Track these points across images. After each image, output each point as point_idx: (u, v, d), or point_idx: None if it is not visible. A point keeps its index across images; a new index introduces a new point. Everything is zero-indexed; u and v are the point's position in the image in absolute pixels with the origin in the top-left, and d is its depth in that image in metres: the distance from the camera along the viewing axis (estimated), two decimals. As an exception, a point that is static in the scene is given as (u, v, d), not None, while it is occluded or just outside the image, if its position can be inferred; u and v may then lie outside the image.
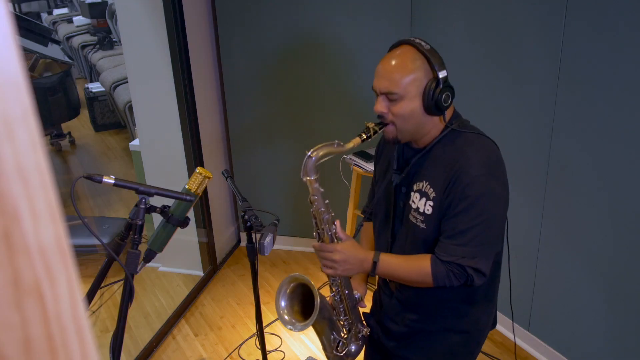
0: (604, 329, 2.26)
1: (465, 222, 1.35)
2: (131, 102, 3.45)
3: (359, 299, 1.63)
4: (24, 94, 0.32)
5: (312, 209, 1.45)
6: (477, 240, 1.37)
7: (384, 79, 1.36)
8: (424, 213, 1.42)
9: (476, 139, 1.41)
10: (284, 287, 1.57)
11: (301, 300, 1.59)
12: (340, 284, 1.55)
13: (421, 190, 1.43)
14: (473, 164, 1.35)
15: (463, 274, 1.39)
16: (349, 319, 1.61)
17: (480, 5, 2.43)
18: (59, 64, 5.27)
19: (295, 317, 1.56)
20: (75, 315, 0.36)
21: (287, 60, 3.15)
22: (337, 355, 1.63)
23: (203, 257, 3.35)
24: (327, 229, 1.46)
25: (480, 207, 1.35)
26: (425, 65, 1.35)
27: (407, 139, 1.43)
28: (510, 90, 2.38)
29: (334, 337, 1.62)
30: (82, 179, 1.47)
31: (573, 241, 2.29)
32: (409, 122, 1.38)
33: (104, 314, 3.05)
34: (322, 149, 1.38)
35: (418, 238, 1.46)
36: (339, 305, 1.59)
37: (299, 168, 1.39)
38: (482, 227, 1.37)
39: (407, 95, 1.34)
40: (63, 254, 0.35)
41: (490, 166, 1.37)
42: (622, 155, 2.03)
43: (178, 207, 1.64)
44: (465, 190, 1.34)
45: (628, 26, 1.91)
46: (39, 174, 0.33)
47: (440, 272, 1.39)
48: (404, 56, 1.35)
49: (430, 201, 1.41)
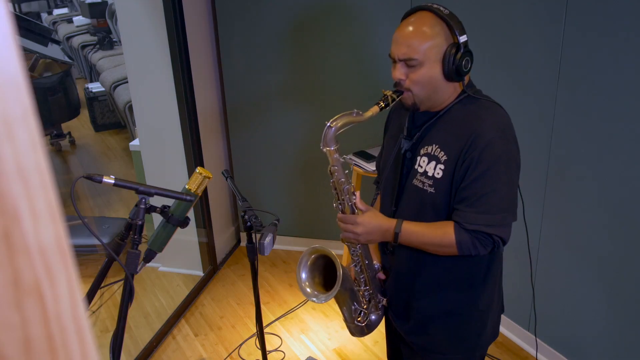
0: (604, 328, 2.26)
1: (484, 187, 1.33)
2: (131, 102, 3.45)
3: (378, 268, 1.63)
4: (24, 94, 0.32)
5: (332, 180, 1.44)
6: (498, 207, 1.35)
7: (403, 45, 1.34)
8: (433, 177, 1.40)
9: (490, 106, 1.41)
10: (305, 259, 1.56)
11: (321, 272, 1.58)
12: (361, 254, 1.55)
13: (430, 153, 1.41)
14: (488, 127, 1.34)
15: (489, 241, 1.37)
16: (369, 289, 1.61)
17: (480, 6, 2.43)
18: (59, 64, 5.27)
19: (317, 289, 1.56)
20: (75, 315, 0.36)
21: (287, 61, 3.15)
22: (359, 325, 1.63)
23: (203, 257, 3.35)
24: (348, 199, 1.45)
25: (498, 170, 1.33)
26: (445, 30, 1.34)
27: (425, 106, 1.41)
28: (510, 91, 2.38)
29: (355, 308, 1.62)
30: (82, 179, 1.47)
31: (573, 241, 2.29)
32: (427, 88, 1.36)
33: (104, 314, 3.05)
34: (342, 118, 1.37)
35: (426, 203, 1.43)
36: (359, 276, 1.59)
37: (299, 168, 1.40)
38: (502, 192, 1.35)
39: (426, 61, 1.33)
40: (63, 254, 0.35)
41: (504, 129, 1.36)
42: (622, 156, 2.03)
43: (178, 207, 1.64)
44: (482, 153, 1.32)
45: (628, 28, 1.91)
46: (39, 174, 0.33)
47: (464, 240, 1.37)
48: (423, 22, 1.34)
49: (441, 164, 1.38)
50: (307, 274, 1.56)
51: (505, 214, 1.37)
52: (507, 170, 1.36)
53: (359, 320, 1.62)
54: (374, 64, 2.99)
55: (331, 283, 1.51)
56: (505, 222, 1.38)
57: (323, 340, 2.81)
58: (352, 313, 1.62)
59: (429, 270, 1.50)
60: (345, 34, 3.00)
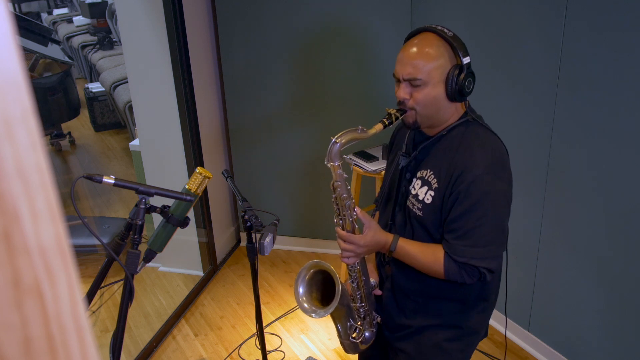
0: (604, 328, 2.26)
1: (471, 221, 1.37)
2: (131, 102, 3.45)
3: (374, 285, 1.65)
4: (24, 94, 0.32)
5: (335, 195, 1.46)
6: (485, 240, 1.39)
7: (408, 65, 1.37)
8: (423, 201, 1.44)
9: (485, 136, 1.43)
10: (303, 274, 1.56)
11: (319, 287, 1.59)
12: (359, 270, 1.56)
13: (424, 178, 1.45)
14: (477, 162, 1.36)
15: (476, 272, 1.42)
16: (365, 305, 1.62)
17: (480, 6, 2.43)
18: (59, 64, 5.26)
19: (314, 304, 1.56)
20: (75, 315, 0.36)
21: (287, 61, 3.15)
22: (353, 341, 1.63)
23: (203, 257, 3.35)
24: (349, 215, 1.47)
25: (486, 205, 1.37)
26: (449, 51, 1.37)
27: (426, 125, 1.45)
28: (510, 91, 2.38)
29: (350, 324, 1.62)
30: (82, 179, 1.47)
31: (573, 241, 2.29)
32: (430, 108, 1.39)
33: (104, 314, 3.05)
34: (347, 134, 1.40)
35: (414, 224, 1.49)
36: (356, 292, 1.60)
37: (299, 168, 1.40)
38: (490, 227, 1.39)
39: (430, 81, 1.36)
40: (63, 254, 0.35)
41: (494, 165, 1.38)
42: (622, 156, 2.03)
43: (178, 207, 1.64)
44: (469, 188, 1.35)
45: (628, 27, 1.91)
46: (39, 174, 0.33)
47: (452, 269, 1.42)
48: (428, 43, 1.37)
49: (431, 191, 1.43)
50: (304, 288, 1.56)
51: (491, 247, 1.41)
52: (493, 206, 1.39)
53: (354, 337, 1.62)
54: (373, 64, 2.99)
55: (328, 298, 1.51)
56: (493, 254, 1.42)
57: (323, 340, 2.81)
58: (347, 329, 1.63)
59: (424, 281, 1.53)
60: (345, 31, 3.00)
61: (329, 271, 1.53)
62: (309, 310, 1.54)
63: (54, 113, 4.94)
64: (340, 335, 1.66)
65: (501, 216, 1.42)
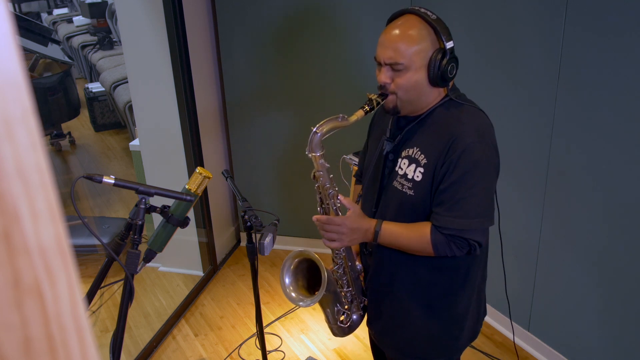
0: (604, 328, 2.26)
1: (462, 191, 1.34)
2: (131, 102, 3.45)
3: (360, 270, 1.64)
4: (24, 94, 0.32)
5: (317, 184, 1.44)
6: (474, 212, 1.36)
7: (389, 49, 1.34)
8: (413, 179, 1.41)
9: (472, 111, 1.41)
10: (287, 263, 1.56)
11: (305, 275, 1.59)
12: (344, 256, 1.55)
13: (410, 156, 1.42)
14: (467, 131, 1.34)
15: (465, 244, 1.38)
16: (352, 290, 1.61)
17: (480, 7, 2.43)
18: (59, 64, 5.27)
19: (301, 293, 1.56)
20: (75, 315, 0.36)
21: (287, 61, 3.15)
22: (342, 326, 1.64)
23: (203, 257, 3.35)
24: (333, 203, 1.45)
25: (476, 175, 1.34)
26: (431, 35, 1.33)
27: (406, 110, 1.41)
28: (510, 92, 2.38)
29: (338, 309, 1.62)
30: (82, 179, 1.47)
31: (573, 241, 2.29)
32: (411, 93, 1.36)
33: (104, 314, 3.05)
34: (327, 124, 1.37)
35: (404, 205, 1.44)
36: (342, 278, 1.59)
37: (299, 168, 1.40)
38: (479, 197, 1.36)
39: (412, 65, 1.33)
40: (63, 254, 0.35)
41: (483, 134, 1.37)
42: (621, 156, 2.03)
43: (178, 207, 1.64)
44: (460, 157, 1.32)
45: (627, 29, 1.91)
46: (39, 174, 0.33)
47: (440, 241, 1.38)
48: (410, 26, 1.33)
49: (420, 167, 1.39)
50: (290, 278, 1.56)
51: (481, 219, 1.38)
52: (484, 176, 1.36)
53: (342, 321, 1.63)
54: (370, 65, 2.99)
55: (314, 285, 1.51)
56: (482, 226, 1.39)
57: (323, 340, 2.81)
58: (335, 314, 1.63)
59: (406, 273, 1.51)
60: (345, 29, 3.00)
61: (313, 259, 1.53)
62: (296, 299, 1.55)
63: (54, 113, 4.94)
64: (329, 320, 1.67)
65: (492, 186, 1.40)
